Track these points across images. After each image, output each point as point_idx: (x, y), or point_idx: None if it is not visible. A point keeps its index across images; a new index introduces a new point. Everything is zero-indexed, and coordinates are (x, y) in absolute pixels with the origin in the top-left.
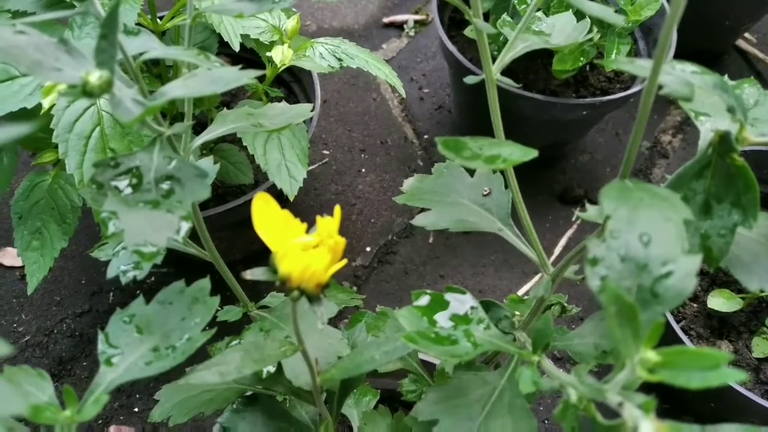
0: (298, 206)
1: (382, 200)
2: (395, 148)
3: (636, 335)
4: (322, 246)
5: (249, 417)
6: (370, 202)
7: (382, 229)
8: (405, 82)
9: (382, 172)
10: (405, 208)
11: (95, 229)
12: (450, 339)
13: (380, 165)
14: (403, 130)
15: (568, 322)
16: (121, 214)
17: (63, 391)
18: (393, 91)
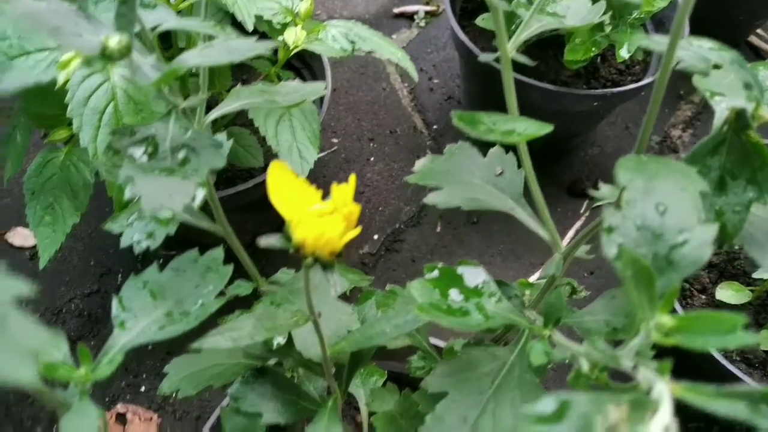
0: None
1: (391, 189)
2: (404, 137)
3: (652, 299)
4: (336, 213)
5: (258, 388)
6: (378, 190)
7: (389, 217)
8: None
9: (390, 161)
10: (413, 197)
11: (105, 211)
12: (461, 311)
13: (389, 154)
14: (412, 119)
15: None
16: (137, 179)
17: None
18: (403, 81)
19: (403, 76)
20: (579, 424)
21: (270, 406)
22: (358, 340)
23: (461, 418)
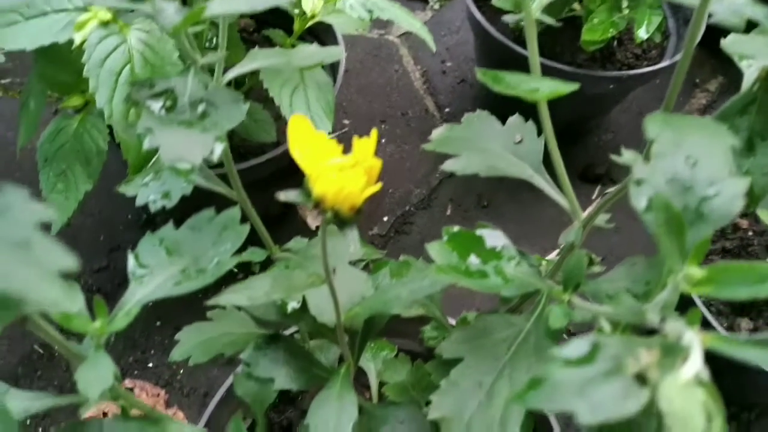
0: None
1: (401, 171)
2: (416, 120)
3: (682, 249)
4: (357, 168)
5: (271, 354)
6: (388, 172)
7: (399, 199)
8: (428, 55)
9: (402, 143)
10: (424, 180)
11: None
12: (480, 273)
13: (400, 136)
14: (424, 102)
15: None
16: (156, 130)
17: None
18: (415, 64)
19: (416, 58)
20: (609, 366)
21: (282, 371)
22: (373, 305)
23: (476, 383)
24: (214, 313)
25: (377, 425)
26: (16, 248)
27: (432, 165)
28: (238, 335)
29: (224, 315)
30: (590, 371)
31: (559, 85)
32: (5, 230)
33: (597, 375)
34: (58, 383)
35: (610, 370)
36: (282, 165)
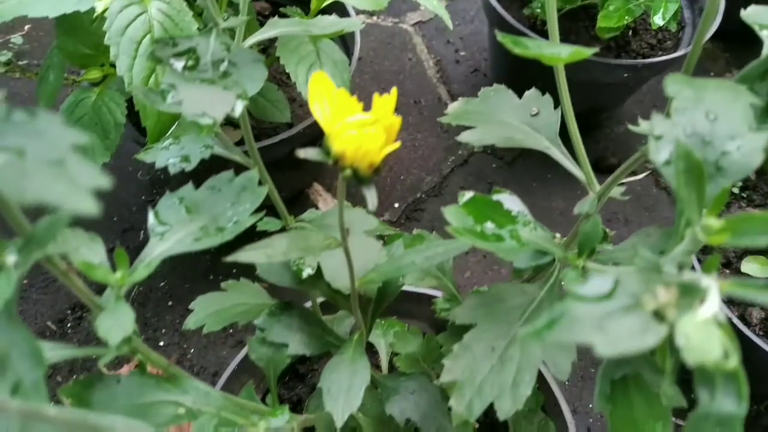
0: None
1: (413, 159)
2: (428, 108)
3: (701, 199)
4: (377, 125)
5: (285, 320)
6: (400, 159)
7: (411, 186)
8: (441, 44)
9: (414, 131)
10: (435, 167)
11: (128, 170)
12: (496, 236)
13: (413, 124)
14: (437, 91)
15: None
16: (179, 86)
17: (115, 255)
18: (429, 52)
19: (430, 47)
20: (628, 302)
21: (296, 337)
22: (387, 271)
23: (489, 347)
24: (227, 284)
25: (388, 395)
26: (51, 166)
27: (444, 153)
28: (252, 305)
29: (237, 286)
30: (609, 306)
31: (579, 49)
32: (41, 150)
33: (616, 310)
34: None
35: (628, 306)
36: (295, 146)
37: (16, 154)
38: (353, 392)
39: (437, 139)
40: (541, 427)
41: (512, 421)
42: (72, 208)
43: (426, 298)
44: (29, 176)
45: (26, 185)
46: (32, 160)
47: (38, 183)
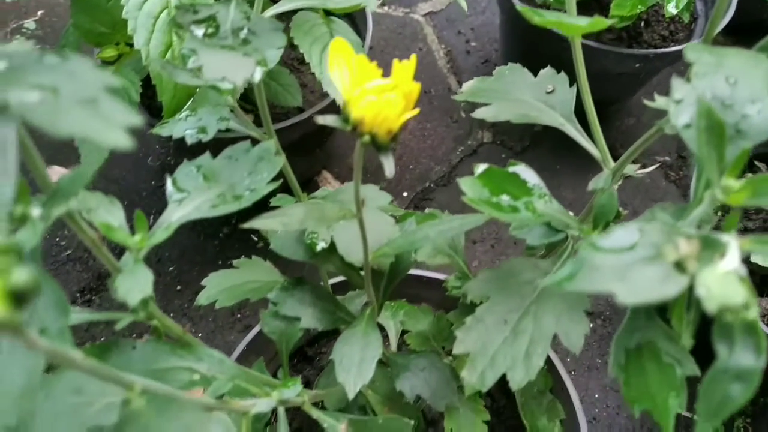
0: (337, 150)
1: (422, 148)
2: (438, 98)
3: (721, 159)
4: (396, 91)
5: (298, 295)
6: (409, 149)
7: (420, 176)
8: (452, 35)
9: (423, 121)
10: (444, 157)
11: (139, 156)
12: (511, 208)
13: (422, 114)
14: (447, 81)
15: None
16: (200, 51)
17: (135, 217)
18: (439, 43)
19: (440, 37)
20: (650, 252)
21: (308, 312)
22: (401, 244)
23: (501, 320)
24: (239, 262)
25: (399, 372)
26: (85, 104)
27: (453, 143)
28: (263, 283)
29: (249, 264)
30: (631, 257)
31: (599, 19)
32: (74, 89)
33: (637, 260)
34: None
35: (650, 257)
36: (306, 131)
37: (50, 92)
38: (365, 364)
39: (447, 128)
40: (550, 408)
41: (521, 402)
42: (106, 143)
43: (436, 282)
44: (64, 112)
45: (61, 120)
46: (66, 98)
47: (73, 119)
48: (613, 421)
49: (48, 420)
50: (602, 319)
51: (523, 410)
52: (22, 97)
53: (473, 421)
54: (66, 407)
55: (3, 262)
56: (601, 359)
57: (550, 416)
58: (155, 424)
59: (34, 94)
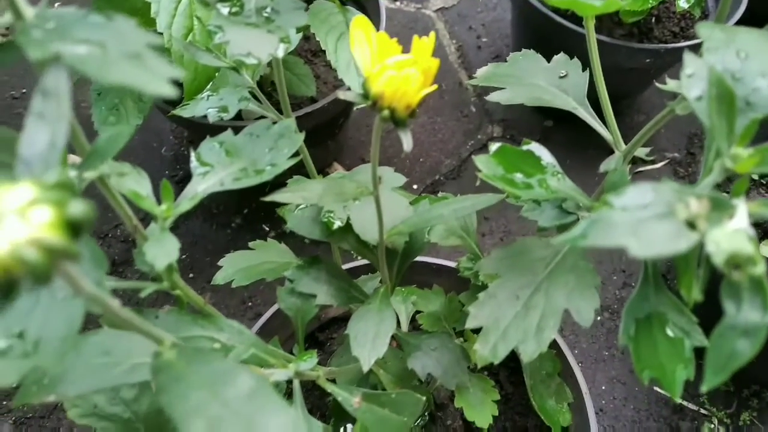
0: (349, 141)
1: (432, 142)
2: (449, 92)
3: (731, 128)
4: (415, 67)
5: (313, 273)
6: (420, 142)
7: (430, 169)
8: (463, 30)
9: (434, 114)
10: (454, 151)
11: (153, 146)
12: (525, 184)
13: (433, 108)
14: (458, 76)
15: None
16: (226, 28)
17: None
18: (451, 38)
19: (452, 33)
20: (662, 210)
21: (323, 289)
22: (416, 222)
23: (513, 295)
24: (255, 243)
25: (411, 351)
26: (130, 58)
27: (463, 138)
28: (278, 264)
29: (265, 246)
30: (643, 213)
31: (611, 0)
32: (120, 45)
33: (650, 217)
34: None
35: (662, 214)
36: (318, 122)
37: (98, 47)
38: (380, 339)
39: (457, 123)
40: (558, 391)
41: (530, 385)
42: (152, 91)
43: (445, 270)
44: (111, 64)
45: (109, 71)
46: (113, 52)
47: (120, 70)
48: (620, 413)
49: (77, 377)
50: (610, 312)
51: (532, 392)
52: (72, 49)
53: (483, 400)
54: (95, 366)
55: (59, 195)
56: (608, 351)
57: (558, 399)
58: (186, 372)
59: (82, 48)
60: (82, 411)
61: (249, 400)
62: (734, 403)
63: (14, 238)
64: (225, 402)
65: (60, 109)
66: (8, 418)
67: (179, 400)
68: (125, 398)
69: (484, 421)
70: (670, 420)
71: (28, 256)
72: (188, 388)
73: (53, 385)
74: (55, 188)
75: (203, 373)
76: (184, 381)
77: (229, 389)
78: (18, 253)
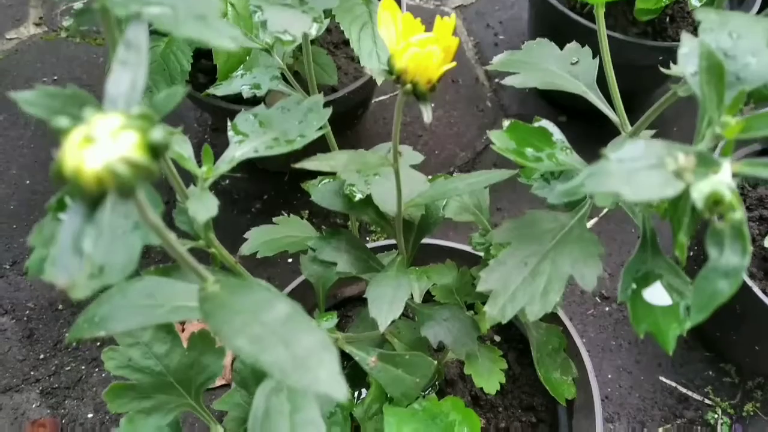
0: (367, 132)
1: (448, 135)
2: (465, 87)
3: (720, 97)
4: (437, 44)
5: (334, 243)
6: (435, 135)
7: (444, 161)
8: (481, 27)
9: (450, 108)
10: (469, 144)
11: None
12: (535, 158)
13: (449, 102)
14: (474, 71)
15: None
16: (264, 7)
17: (202, 151)
18: (468, 35)
19: (470, 30)
20: (653, 162)
21: (344, 258)
22: (433, 194)
23: (522, 262)
24: (279, 219)
25: (424, 320)
26: (198, 18)
27: (478, 131)
28: (300, 238)
29: (287, 221)
30: (636, 165)
31: None
32: (189, 7)
33: (642, 167)
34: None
35: (653, 165)
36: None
37: (170, 8)
38: (396, 303)
39: (473, 117)
40: (563, 365)
41: (537, 358)
42: (217, 45)
43: (457, 252)
44: (182, 22)
45: (180, 28)
46: (182, 12)
47: (189, 27)
48: (625, 400)
49: (123, 316)
50: (618, 304)
51: (538, 365)
52: (148, 9)
53: (491, 369)
54: (140, 307)
55: (143, 123)
56: (615, 341)
57: (563, 372)
58: (229, 300)
59: (156, 8)
60: (118, 363)
61: (285, 322)
62: (738, 394)
63: (108, 156)
64: (264, 324)
65: (140, 57)
66: (36, 388)
67: (224, 323)
68: (157, 353)
69: (492, 388)
70: (675, 409)
71: (120, 171)
72: (232, 314)
73: (103, 323)
74: (139, 118)
75: (245, 302)
76: (228, 307)
77: (268, 314)
78: (111, 168)
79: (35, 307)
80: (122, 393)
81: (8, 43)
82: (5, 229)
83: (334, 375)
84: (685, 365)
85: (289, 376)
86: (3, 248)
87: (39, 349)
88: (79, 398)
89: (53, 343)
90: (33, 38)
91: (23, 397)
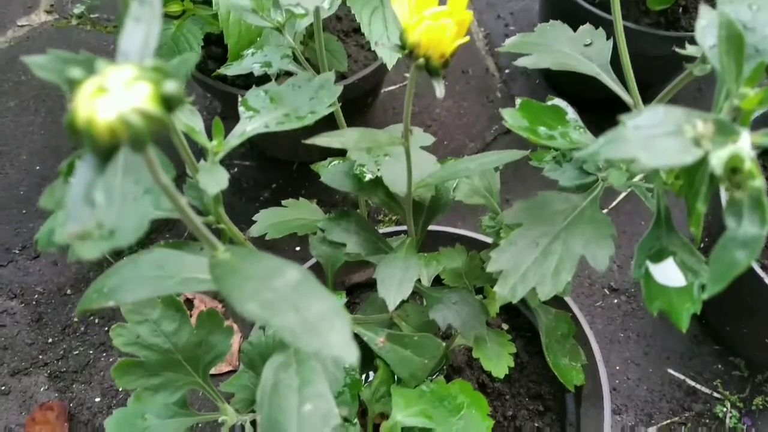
0: (376, 122)
1: (457, 125)
2: (475, 78)
3: (739, 68)
4: (450, 17)
5: (344, 224)
6: (445, 125)
7: (453, 151)
8: (492, 18)
9: (460, 99)
10: (479, 135)
11: None
12: (548, 136)
13: (459, 93)
14: (485, 62)
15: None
16: None
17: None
18: (479, 25)
19: (480, 21)
20: (671, 128)
21: (353, 239)
22: (443, 175)
23: (533, 243)
24: (288, 201)
25: (432, 303)
26: None
27: (487, 122)
28: (308, 220)
29: (296, 204)
30: (654, 131)
31: None
32: None
33: (660, 134)
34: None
35: (671, 131)
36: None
37: None
38: (405, 283)
39: (482, 108)
40: (572, 351)
41: (546, 343)
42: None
43: (466, 239)
44: None
45: None
46: None
47: None
48: (633, 392)
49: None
50: (627, 296)
51: (547, 350)
52: None
53: (499, 353)
54: (149, 278)
55: (156, 75)
56: (623, 333)
57: (572, 358)
58: (240, 267)
59: None
60: (126, 340)
61: (296, 288)
62: (748, 387)
63: (121, 106)
64: (275, 290)
65: (153, 13)
66: (44, 371)
67: (235, 288)
68: (166, 331)
69: (500, 372)
70: (683, 402)
71: (133, 121)
72: (242, 279)
73: (113, 293)
74: (152, 70)
75: (255, 268)
76: (238, 273)
77: (278, 280)
78: (124, 118)
79: (44, 291)
80: (130, 370)
81: (19, 30)
82: (15, 214)
83: (346, 339)
84: (694, 358)
85: (300, 339)
86: (12, 233)
87: (47, 333)
88: (87, 382)
89: (62, 328)
90: (44, 25)
91: (32, 380)
